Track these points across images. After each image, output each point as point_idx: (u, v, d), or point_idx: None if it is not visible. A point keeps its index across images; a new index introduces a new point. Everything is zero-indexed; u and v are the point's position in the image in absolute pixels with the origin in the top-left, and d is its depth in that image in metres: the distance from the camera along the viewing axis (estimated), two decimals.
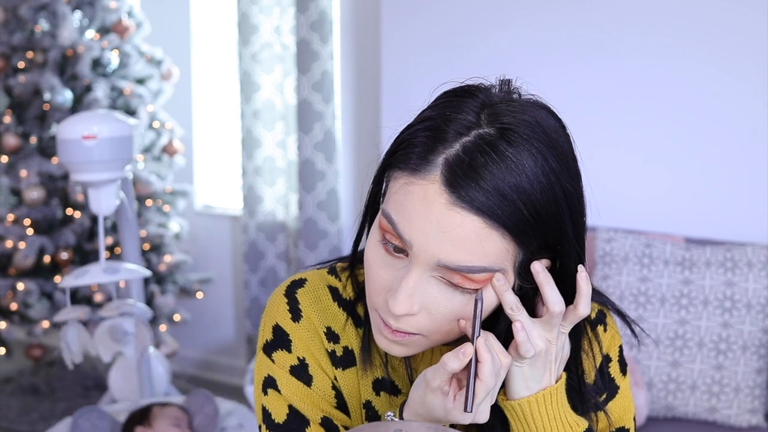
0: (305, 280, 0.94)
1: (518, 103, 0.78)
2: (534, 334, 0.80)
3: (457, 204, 0.74)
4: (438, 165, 0.75)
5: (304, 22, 3.02)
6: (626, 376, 0.96)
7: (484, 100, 0.78)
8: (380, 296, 0.81)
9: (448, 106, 0.78)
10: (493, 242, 0.75)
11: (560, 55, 2.53)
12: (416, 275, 0.77)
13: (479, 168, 0.74)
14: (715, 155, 2.38)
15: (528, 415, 0.84)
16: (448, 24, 2.68)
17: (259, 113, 3.20)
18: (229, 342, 3.63)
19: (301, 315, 0.92)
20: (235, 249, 3.55)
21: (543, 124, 0.77)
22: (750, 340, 2.11)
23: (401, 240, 0.77)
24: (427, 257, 0.76)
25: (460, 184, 0.74)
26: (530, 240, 0.77)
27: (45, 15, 3.10)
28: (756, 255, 2.14)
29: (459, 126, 0.76)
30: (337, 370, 0.92)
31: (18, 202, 3.20)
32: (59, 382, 3.45)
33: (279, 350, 0.92)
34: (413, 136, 0.78)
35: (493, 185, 0.74)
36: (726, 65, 2.34)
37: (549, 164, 0.76)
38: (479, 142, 0.75)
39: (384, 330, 0.82)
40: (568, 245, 0.79)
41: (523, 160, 0.74)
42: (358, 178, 3.26)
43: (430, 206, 0.75)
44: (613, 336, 0.96)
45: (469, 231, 0.74)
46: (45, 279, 3.12)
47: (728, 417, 2.12)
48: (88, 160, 2.20)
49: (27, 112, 3.16)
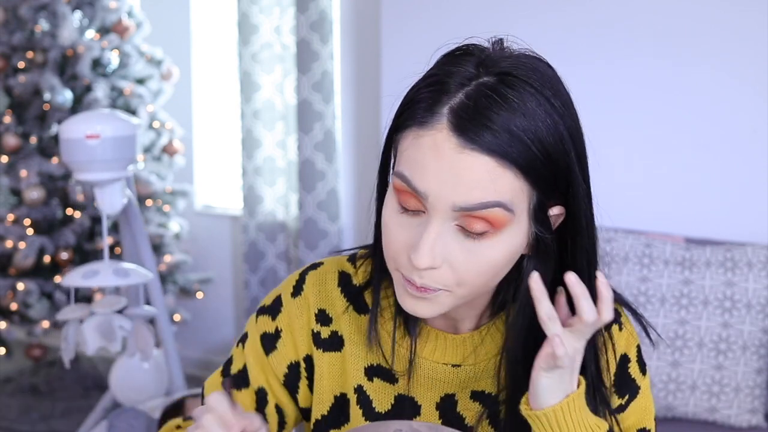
0: (321, 264, 0.99)
1: (514, 54, 0.82)
2: (567, 344, 0.82)
3: (467, 146, 0.76)
4: (444, 114, 0.77)
5: (304, 22, 3.02)
6: (646, 375, 0.97)
7: (480, 56, 0.81)
8: (402, 255, 0.82)
9: (447, 63, 0.82)
10: (505, 180, 0.76)
11: (560, 56, 2.52)
12: (436, 226, 0.78)
13: (484, 110, 0.76)
14: (715, 155, 2.38)
15: (554, 424, 0.84)
16: (448, 24, 2.68)
17: (259, 113, 3.20)
18: (229, 342, 3.63)
19: (300, 293, 0.96)
20: (235, 249, 3.55)
21: (539, 69, 0.80)
22: (750, 340, 2.11)
23: (416, 193, 0.78)
24: (443, 204, 0.77)
25: (467, 127, 0.76)
26: (541, 179, 0.78)
27: (45, 15, 3.10)
28: (756, 255, 2.14)
29: (460, 78, 0.79)
30: (317, 350, 0.96)
31: (18, 202, 3.20)
32: (59, 382, 3.45)
33: (266, 315, 0.98)
34: (416, 94, 0.81)
35: (499, 124, 0.76)
36: (726, 66, 2.34)
37: (551, 104, 0.78)
38: (481, 88, 0.77)
39: (409, 288, 0.82)
40: (578, 186, 0.81)
41: (526, 101, 0.77)
42: (358, 178, 3.26)
43: (440, 153, 0.76)
44: (629, 335, 0.96)
45: (481, 171, 0.76)
46: (45, 279, 3.12)
47: (728, 417, 2.12)
48: (92, 159, 2.20)
49: (27, 112, 3.16)
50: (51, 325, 3.11)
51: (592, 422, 0.86)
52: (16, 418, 3.18)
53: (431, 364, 0.93)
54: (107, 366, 3.12)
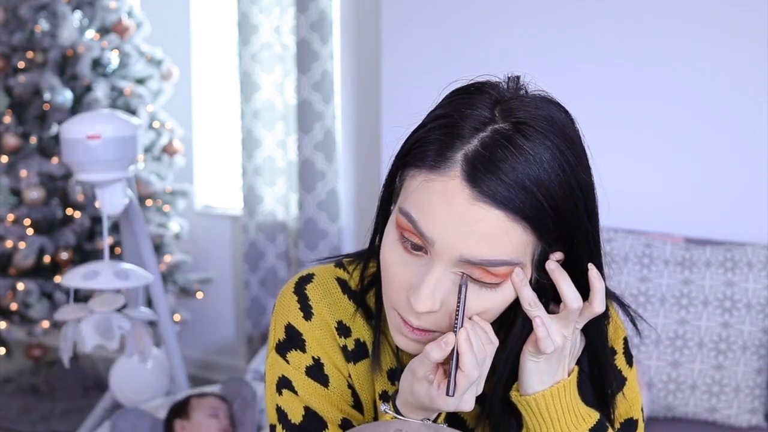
0: (313, 275, 0.94)
1: (529, 98, 0.80)
2: (552, 329, 0.82)
3: (480, 198, 0.74)
4: (457, 161, 0.75)
5: (304, 22, 3.02)
6: (632, 367, 0.97)
7: (496, 97, 0.79)
8: (400, 295, 0.81)
9: (460, 103, 0.79)
10: (515, 235, 0.76)
11: (560, 56, 2.53)
12: (438, 272, 0.78)
13: (499, 162, 0.74)
14: (715, 155, 2.38)
15: (543, 409, 0.85)
16: (448, 24, 2.68)
17: (259, 113, 3.20)
18: (229, 342, 3.63)
19: (312, 312, 0.92)
20: (235, 249, 3.55)
21: (555, 118, 0.78)
22: (750, 340, 2.11)
23: (422, 237, 0.77)
24: (449, 253, 0.76)
25: (481, 178, 0.74)
26: (549, 232, 0.78)
27: (45, 15, 3.10)
28: (756, 255, 2.14)
29: (474, 122, 0.77)
30: (350, 364, 0.93)
31: (18, 202, 3.20)
32: (59, 382, 3.45)
33: (293, 350, 0.91)
34: (428, 134, 0.78)
35: (513, 178, 0.74)
36: (726, 65, 2.34)
37: (565, 157, 0.77)
38: (497, 137, 0.76)
39: (404, 329, 0.82)
40: (585, 236, 0.81)
41: (540, 153, 0.75)
42: (358, 178, 3.26)
43: (451, 202, 0.75)
44: (616, 328, 0.96)
45: (492, 225, 0.75)
46: (45, 279, 3.12)
47: (728, 417, 2.12)
48: (92, 159, 2.20)
49: (27, 112, 3.16)
50: (51, 325, 3.11)
51: (583, 411, 0.86)
52: (16, 418, 3.18)
53: None
54: (107, 366, 3.12)
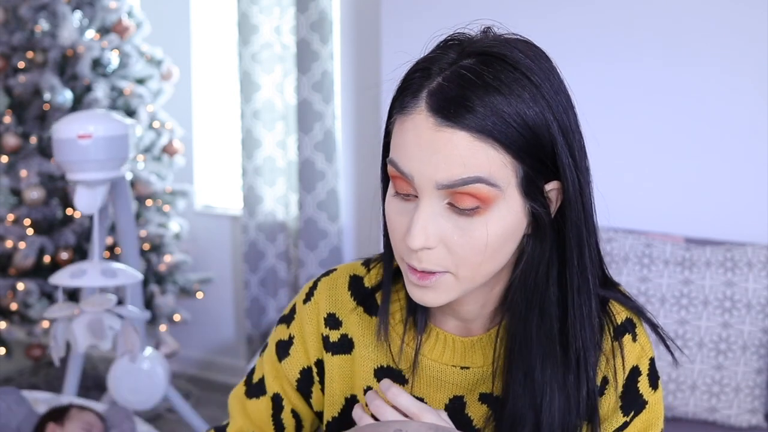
0: (335, 270, 1.02)
1: (494, 37, 0.85)
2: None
3: (443, 123, 0.77)
4: (422, 97, 0.79)
5: (304, 22, 3.02)
6: (657, 390, 0.94)
7: (466, 42, 0.83)
8: (402, 242, 0.83)
9: (433, 54, 0.84)
10: (484, 153, 0.77)
11: (560, 57, 2.52)
12: (425, 206, 0.80)
13: (459, 89, 0.77)
14: (715, 155, 2.38)
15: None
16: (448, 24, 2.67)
17: (259, 113, 3.20)
18: (229, 342, 3.63)
19: (311, 298, 1.00)
20: (235, 249, 3.55)
21: (519, 48, 0.81)
22: (750, 340, 2.11)
23: (404, 176, 0.80)
24: (427, 184, 0.79)
25: (442, 105, 0.77)
26: (525, 154, 0.78)
27: (45, 15, 3.10)
28: (756, 255, 2.14)
29: (441, 64, 0.81)
30: (327, 354, 0.98)
31: (18, 202, 3.20)
32: (59, 382, 3.45)
33: (283, 324, 1.03)
34: (403, 83, 0.83)
35: (474, 101, 0.77)
36: (726, 65, 2.34)
37: (529, 79, 0.79)
38: (458, 69, 0.79)
39: (412, 276, 0.83)
40: (565, 168, 0.81)
41: (502, 77, 0.78)
42: (358, 178, 3.26)
43: (419, 133, 0.78)
44: (643, 347, 0.93)
45: (460, 146, 0.77)
46: (45, 279, 3.12)
47: (728, 417, 2.12)
48: (84, 159, 2.18)
49: (27, 112, 3.16)
50: (51, 324, 3.10)
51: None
52: None
53: (440, 366, 0.94)
54: (106, 366, 3.12)
